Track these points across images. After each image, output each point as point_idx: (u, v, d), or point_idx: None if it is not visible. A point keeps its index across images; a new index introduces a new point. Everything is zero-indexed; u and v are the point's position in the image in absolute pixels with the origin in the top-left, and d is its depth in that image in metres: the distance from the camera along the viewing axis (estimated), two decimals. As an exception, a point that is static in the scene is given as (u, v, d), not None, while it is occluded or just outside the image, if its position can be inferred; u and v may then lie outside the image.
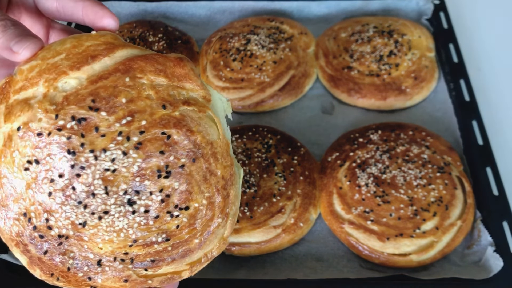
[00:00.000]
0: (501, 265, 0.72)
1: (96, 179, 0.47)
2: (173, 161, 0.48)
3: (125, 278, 0.51)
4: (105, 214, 0.48)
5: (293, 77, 1.00)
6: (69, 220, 0.48)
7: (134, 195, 0.48)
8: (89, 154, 0.46)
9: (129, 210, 0.48)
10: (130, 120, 0.47)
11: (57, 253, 0.49)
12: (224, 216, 0.53)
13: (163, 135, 0.48)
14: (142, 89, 0.48)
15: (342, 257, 0.79)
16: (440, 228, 0.76)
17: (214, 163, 0.51)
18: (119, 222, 0.48)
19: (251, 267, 0.78)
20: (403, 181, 0.80)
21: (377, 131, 0.89)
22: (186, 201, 0.49)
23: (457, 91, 0.96)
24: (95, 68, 0.48)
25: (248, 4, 1.15)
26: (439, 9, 1.11)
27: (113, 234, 0.49)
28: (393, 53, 1.00)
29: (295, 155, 0.86)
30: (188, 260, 0.53)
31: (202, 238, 0.52)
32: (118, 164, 0.47)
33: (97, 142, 0.46)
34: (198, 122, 0.50)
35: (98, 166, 0.47)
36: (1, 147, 0.48)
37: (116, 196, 0.48)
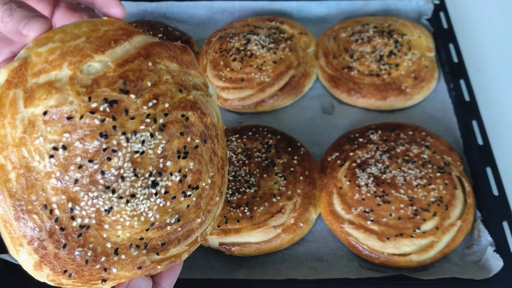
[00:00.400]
0: (501, 265, 0.72)
1: (126, 161, 0.47)
2: (190, 142, 0.51)
3: (139, 265, 0.51)
4: (132, 197, 0.48)
5: (293, 77, 1.00)
6: (94, 207, 0.47)
7: (157, 177, 0.49)
8: (121, 137, 0.46)
9: (152, 192, 0.49)
10: (156, 103, 0.48)
11: (76, 245, 0.47)
12: (220, 194, 0.55)
13: (182, 117, 0.50)
14: (161, 74, 0.50)
15: (342, 257, 0.79)
16: (440, 228, 0.76)
17: (217, 144, 0.54)
18: (142, 205, 0.49)
19: (251, 267, 0.78)
20: (403, 181, 0.80)
21: (377, 131, 0.89)
22: (197, 181, 0.51)
23: (457, 91, 0.96)
24: (117, 52, 0.48)
25: (248, 4, 1.15)
26: (439, 9, 1.11)
27: (134, 218, 0.49)
28: (393, 53, 1.00)
29: (295, 155, 0.86)
30: (189, 241, 0.54)
31: (203, 217, 0.54)
32: (146, 146, 0.48)
33: (127, 125, 0.47)
34: (206, 106, 0.53)
35: (128, 149, 0.47)
36: (20, 134, 0.45)
37: (142, 178, 0.48)
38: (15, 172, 0.45)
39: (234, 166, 0.83)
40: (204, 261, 0.79)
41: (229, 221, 0.78)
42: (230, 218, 0.78)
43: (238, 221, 0.78)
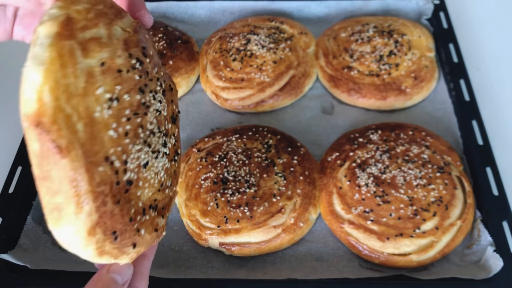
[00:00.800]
0: (501, 265, 0.72)
1: (153, 117, 0.50)
2: (174, 109, 0.58)
3: (155, 227, 0.52)
4: (158, 153, 0.51)
5: (293, 77, 1.00)
6: (137, 161, 0.48)
7: (166, 137, 0.53)
8: (150, 94, 0.50)
9: (164, 151, 0.53)
10: (158, 69, 0.54)
11: (125, 201, 0.47)
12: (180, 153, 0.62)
13: (169, 86, 0.57)
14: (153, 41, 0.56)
15: (342, 257, 0.79)
16: (440, 228, 0.76)
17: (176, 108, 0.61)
18: (158, 164, 0.51)
19: (251, 267, 0.78)
20: (403, 181, 0.80)
21: (377, 131, 0.89)
22: (178, 147, 0.58)
23: (457, 91, 0.96)
24: (124, 21, 0.50)
25: (248, 4, 1.15)
26: (439, 9, 1.11)
27: (156, 177, 0.51)
28: (393, 53, 1.00)
29: (295, 155, 0.86)
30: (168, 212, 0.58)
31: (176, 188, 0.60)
32: (161, 106, 0.52)
33: (150, 85, 0.50)
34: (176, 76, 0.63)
35: (154, 106, 0.50)
36: (84, 84, 0.44)
37: (159, 136, 0.51)
38: (82, 123, 0.43)
39: (234, 166, 0.83)
40: (204, 261, 0.79)
41: (229, 221, 0.78)
42: (230, 218, 0.78)
43: (238, 221, 0.78)
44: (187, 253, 0.80)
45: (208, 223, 0.79)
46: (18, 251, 0.78)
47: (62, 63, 0.43)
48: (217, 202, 0.79)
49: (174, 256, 0.80)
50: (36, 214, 0.83)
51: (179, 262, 0.79)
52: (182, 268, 0.78)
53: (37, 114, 0.41)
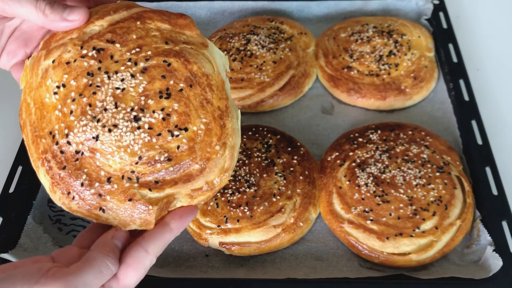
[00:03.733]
0: (500, 265, 0.72)
1: (109, 95, 0.55)
2: (173, 85, 0.56)
3: (130, 197, 0.55)
4: (114, 127, 0.54)
5: (293, 77, 1.00)
6: (84, 134, 0.54)
7: (140, 112, 0.55)
8: (103, 75, 0.55)
9: (135, 125, 0.54)
10: (139, 50, 0.56)
11: (74, 168, 0.55)
12: (222, 145, 0.57)
13: (164, 62, 0.56)
14: (149, 31, 0.58)
15: (341, 256, 0.79)
16: (439, 227, 0.76)
17: (210, 93, 0.57)
18: (126, 137, 0.54)
19: (251, 267, 0.78)
20: (402, 180, 0.80)
21: (377, 131, 0.89)
22: (185, 123, 0.55)
23: (456, 91, 0.96)
24: (114, 17, 0.58)
25: (248, 4, 1.15)
26: (439, 9, 1.11)
27: (121, 149, 0.54)
28: (393, 53, 1.00)
29: (295, 154, 0.86)
30: (190, 186, 0.57)
31: (202, 164, 0.56)
32: (126, 84, 0.55)
33: (111, 67, 0.55)
34: (195, 56, 0.58)
35: (110, 85, 0.55)
36: (40, 79, 0.57)
37: (124, 112, 0.54)
38: (35, 107, 0.57)
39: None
40: (204, 261, 0.79)
41: (229, 220, 0.78)
42: (230, 218, 0.78)
43: (238, 220, 0.78)
44: (187, 253, 0.80)
45: (208, 223, 0.79)
46: (18, 250, 0.78)
47: (32, 67, 0.59)
48: (217, 202, 0.79)
49: (174, 256, 0.80)
50: (36, 214, 0.84)
51: (179, 262, 0.79)
52: (182, 268, 0.78)
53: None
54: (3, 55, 0.64)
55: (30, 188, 0.86)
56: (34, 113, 0.57)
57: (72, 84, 0.55)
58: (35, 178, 0.87)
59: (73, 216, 0.85)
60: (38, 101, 0.57)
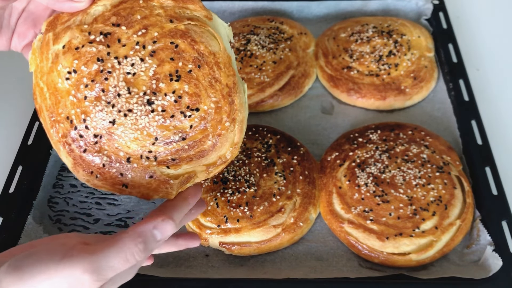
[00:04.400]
0: (500, 265, 0.72)
1: (120, 81, 0.56)
2: (182, 67, 0.57)
3: (151, 174, 0.58)
4: (129, 112, 0.56)
5: (292, 77, 1.00)
6: (101, 119, 0.56)
7: (152, 96, 0.56)
8: (114, 61, 0.56)
9: (149, 109, 0.56)
10: (145, 32, 0.57)
11: (94, 151, 0.58)
12: (232, 121, 0.59)
13: (172, 44, 0.57)
14: (153, 9, 0.58)
15: (341, 256, 0.79)
16: (439, 227, 0.76)
17: (218, 71, 0.59)
18: (141, 120, 0.56)
19: (251, 267, 0.78)
20: (402, 180, 0.80)
21: (377, 130, 0.90)
22: (196, 103, 0.57)
23: (456, 91, 0.96)
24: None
25: (248, 4, 1.16)
26: (438, 9, 1.11)
27: (137, 132, 0.57)
28: (393, 53, 1.00)
29: (295, 154, 0.86)
30: (204, 161, 0.60)
31: (214, 140, 0.59)
32: (137, 68, 0.56)
33: (120, 51, 0.56)
34: (200, 35, 0.58)
35: (121, 70, 0.56)
36: (51, 64, 0.58)
37: (137, 96, 0.56)
38: (49, 92, 0.58)
39: (234, 166, 0.84)
40: (204, 261, 0.79)
41: (229, 220, 0.78)
42: (230, 218, 0.78)
43: (238, 220, 0.78)
44: (187, 252, 0.80)
45: (208, 223, 0.79)
46: (18, 250, 0.78)
47: (41, 51, 0.59)
48: (217, 202, 0.80)
49: (174, 256, 0.80)
50: (36, 214, 0.84)
51: (179, 262, 0.79)
52: (182, 268, 0.78)
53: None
54: (14, 37, 0.63)
55: (30, 188, 0.86)
56: (49, 98, 0.59)
57: (83, 70, 0.56)
58: (35, 178, 0.87)
59: (73, 216, 0.85)
60: (51, 86, 0.58)
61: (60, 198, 0.87)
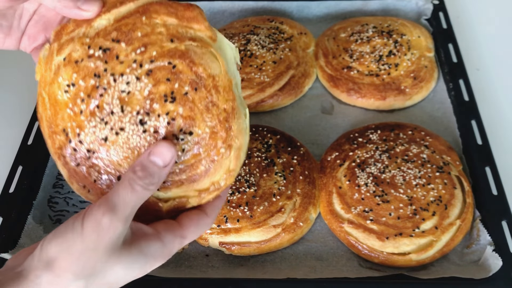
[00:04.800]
0: (500, 265, 0.72)
1: (115, 99, 0.55)
2: (178, 88, 0.55)
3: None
4: (121, 130, 0.55)
5: (292, 77, 1.00)
6: (94, 135, 0.56)
7: (145, 116, 0.55)
8: (110, 78, 0.55)
9: (141, 129, 0.55)
10: (143, 50, 0.56)
11: (87, 165, 0.57)
12: (227, 147, 0.57)
13: (169, 64, 0.56)
14: (155, 27, 0.57)
15: (341, 256, 0.79)
16: (439, 227, 0.76)
17: (216, 95, 0.57)
18: (133, 140, 0.55)
19: (251, 267, 0.78)
20: (402, 180, 0.80)
21: (377, 130, 0.90)
22: (190, 126, 0.56)
23: (456, 91, 0.96)
24: (121, 10, 0.58)
25: (248, 4, 1.16)
26: (438, 9, 1.11)
27: (128, 151, 0.56)
28: (393, 53, 1.00)
29: (295, 154, 0.87)
30: (196, 186, 0.58)
31: (207, 166, 0.57)
32: (132, 87, 0.55)
33: (117, 68, 0.56)
34: (201, 56, 0.57)
35: (116, 88, 0.55)
36: (53, 75, 0.58)
37: (130, 116, 0.55)
38: (49, 103, 0.58)
39: (234, 166, 0.84)
40: (204, 261, 0.79)
41: (229, 220, 0.78)
42: (230, 218, 0.78)
43: (238, 220, 0.78)
44: (187, 252, 0.80)
45: (208, 223, 0.79)
46: (18, 250, 0.77)
47: (47, 61, 0.59)
48: (217, 202, 0.80)
49: (174, 256, 0.79)
50: (36, 214, 0.84)
51: (179, 262, 0.79)
52: (182, 268, 0.78)
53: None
54: (24, 39, 0.63)
55: (30, 188, 0.86)
56: (49, 109, 0.59)
57: (81, 84, 0.56)
58: (35, 178, 0.87)
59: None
60: (52, 97, 0.58)
61: (60, 198, 0.87)
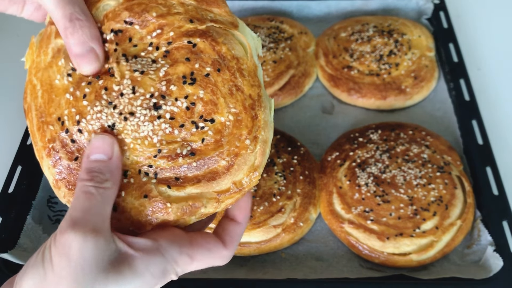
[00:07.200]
0: (501, 265, 0.72)
1: (126, 79, 0.49)
2: (198, 69, 0.49)
3: (146, 193, 0.49)
4: (131, 115, 0.48)
5: (293, 76, 1.00)
6: (99, 121, 0.49)
7: (160, 99, 0.48)
8: (121, 57, 0.50)
9: (155, 114, 0.48)
10: (160, 32, 0.50)
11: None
12: (253, 139, 0.50)
13: (189, 43, 0.50)
14: (172, 7, 0.51)
15: (342, 256, 0.79)
16: (440, 227, 0.76)
17: (241, 78, 0.50)
18: (144, 127, 0.48)
19: (251, 267, 0.78)
20: (403, 180, 0.80)
21: (377, 130, 0.89)
22: (211, 113, 0.49)
23: (457, 91, 0.96)
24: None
25: (248, 3, 1.15)
26: (439, 9, 1.11)
27: (138, 140, 0.48)
28: (393, 53, 1.00)
29: (295, 154, 0.86)
30: (216, 186, 0.50)
31: (230, 161, 0.49)
32: (146, 68, 0.49)
33: (129, 50, 0.50)
34: (224, 36, 0.51)
35: (128, 67, 0.49)
36: (50, 59, 0.52)
37: (142, 98, 0.48)
38: (42, 90, 0.51)
39: (234, 166, 0.83)
40: (204, 261, 0.79)
41: (229, 220, 0.78)
42: (230, 218, 0.78)
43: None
44: (187, 252, 0.80)
45: (208, 223, 0.79)
46: (18, 250, 0.77)
47: (40, 45, 0.53)
48: (217, 202, 0.79)
49: (174, 256, 0.80)
50: (36, 214, 0.83)
51: (179, 262, 0.79)
52: (182, 268, 0.78)
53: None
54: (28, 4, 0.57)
55: (30, 188, 0.85)
56: (41, 96, 0.51)
57: None
58: (34, 178, 0.87)
59: (72, 216, 0.84)
60: (46, 82, 0.51)
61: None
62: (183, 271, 0.49)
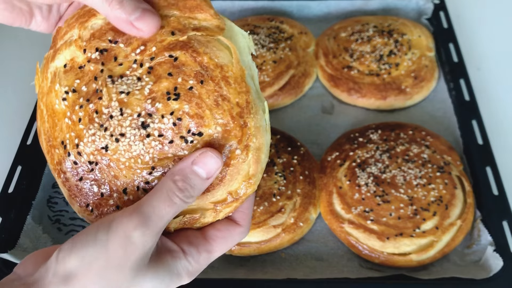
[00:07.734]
0: (501, 265, 0.72)
1: (113, 101, 0.50)
2: (181, 83, 0.49)
3: None
4: (121, 136, 0.49)
5: (293, 76, 1.00)
6: (94, 144, 0.50)
7: (148, 118, 0.49)
8: (107, 79, 0.50)
9: (143, 133, 0.49)
10: (143, 49, 0.51)
11: (90, 179, 0.52)
12: (244, 148, 0.50)
13: (170, 57, 0.50)
14: None
15: (342, 256, 0.79)
16: (440, 227, 0.76)
17: (226, 87, 0.50)
18: (136, 147, 0.49)
19: (251, 267, 0.78)
20: (403, 180, 0.80)
21: (377, 130, 0.89)
22: (198, 126, 0.49)
23: (457, 91, 0.96)
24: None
25: (248, 4, 1.15)
26: (439, 9, 1.11)
27: (131, 160, 0.50)
28: (393, 53, 1.00)
29: (295, 154, 0.86)
30: (211, 198, 0.51)
31: (222, 172, 0.50)
32: (132, 87, 0.50)
33: (115, 70, 0.51)
34: (205, 45, 0.50)
35: (114, 90, 0.50)
36: (49, 84, 0.54)
37: (130, 119, 0.49)
38: (47, 115, 0.54)
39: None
40: (204, 261, 0.79)
41: (229, 220, 0.78)
42: (230, 218, 0.78)
43: (238, 220, 0.78)
44: (187, 252, 0.80)
45: (208, 223, 0.79)
46: (17, 250, 0.77)
47: (43, 70, 0.55)
48: (217, 202, 0.79)
49: (174, 256, 0.80)
50: (35, 214, 0.83)
51: (179, 262, 0.79)
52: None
53: None
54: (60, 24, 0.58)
55: (29, 188, 0.86)
56: (47, 121, 0.54)
57: (83, 90, 0.51)
58: (34, 178, 0.87)
59: (72, 216, 0.84)
60: (49, 107, 0.53)
61: (59, 198, 0.87)
62: (204, 267, 0.51)
